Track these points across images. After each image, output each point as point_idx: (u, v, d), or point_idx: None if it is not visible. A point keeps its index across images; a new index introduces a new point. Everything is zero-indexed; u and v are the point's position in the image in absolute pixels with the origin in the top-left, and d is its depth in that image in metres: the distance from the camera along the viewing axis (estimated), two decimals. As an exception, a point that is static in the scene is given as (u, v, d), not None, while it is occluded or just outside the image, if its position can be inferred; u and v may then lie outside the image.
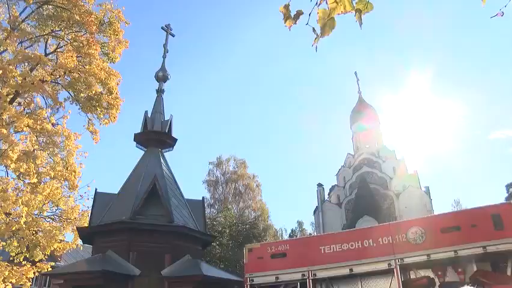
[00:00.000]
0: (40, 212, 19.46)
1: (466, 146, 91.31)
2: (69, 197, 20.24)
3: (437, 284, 7.28)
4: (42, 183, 17.02)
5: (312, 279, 7.86)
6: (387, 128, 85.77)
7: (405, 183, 38.01)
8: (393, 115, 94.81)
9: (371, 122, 43.32)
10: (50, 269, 20.20)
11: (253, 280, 8.46)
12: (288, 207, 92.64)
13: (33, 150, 15.27)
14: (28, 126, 14.27)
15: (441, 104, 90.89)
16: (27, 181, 16.33)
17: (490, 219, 6.94)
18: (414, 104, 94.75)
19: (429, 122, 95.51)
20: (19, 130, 14.58)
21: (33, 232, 18.40)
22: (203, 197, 21.94)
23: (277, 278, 8.19)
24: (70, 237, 22.81)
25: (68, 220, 20.97)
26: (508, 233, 6.75)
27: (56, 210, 21.03)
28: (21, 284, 19.89)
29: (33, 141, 15.69)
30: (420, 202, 35.22)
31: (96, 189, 18.86)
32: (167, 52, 24.46)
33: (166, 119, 21.17)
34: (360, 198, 35.22)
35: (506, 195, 41.88)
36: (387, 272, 7.60)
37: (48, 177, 16.76)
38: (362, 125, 43.21)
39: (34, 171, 15.00)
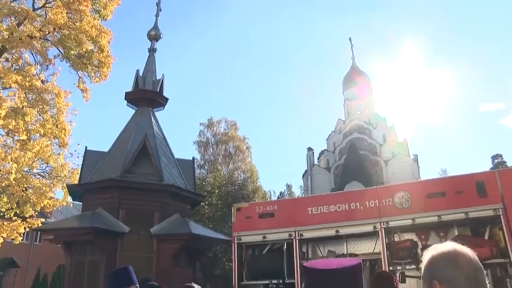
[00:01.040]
0: (30, 169, 19.48)
1: (456, 117, 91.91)
2: (59, 154, 20.25)
3: (420, 246, 7.44)
4: (32, 140, 16.97)
5: (298, 239, 7.98)
6: (379, 96, 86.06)
7: (395, 150, 38.38)
8: (385, 83, 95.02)
9: (363, 89, 43.33)
10: (41, 224, 20.43)
11: (240, 239, 8.57)
12: (278, 170, 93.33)
13: (22, 107, 15.11)
14: (16, 82, 14.10)
15: (434, 74, 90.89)
16: (16, 138, 16.26)
17: (474, 186, 7.04)
18: (407, 73, 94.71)
19: (421, 91, 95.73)
20: (7, 86, 14.41)
21: (23, 189, 18.46)
22: (193, 157, 22.08)
23: (264, 237, 8.30)
24: (60, 195, 22.94)
25: (58, 177, 21.03)
26: (490, 200, 6.88)
27: (46, 167, 21.06)
28: (12, 239, 20.14)
29: (22, 98, 15.51)
30: (408, 169, 35.70)
31: (86, 147, 18.93)
32: (160, 10, 24.08)
33: (157, 79, 21.01)
34: (349, 164, 35.58)
35: (491, 166, 42.44)
36: (373, 234, 7.76)
37: (37, 134, 16.70)
38: (354, 92, 43.23)
39: (23, 128, 14.91)
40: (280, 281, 8.06)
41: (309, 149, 40.88)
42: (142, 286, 3.72)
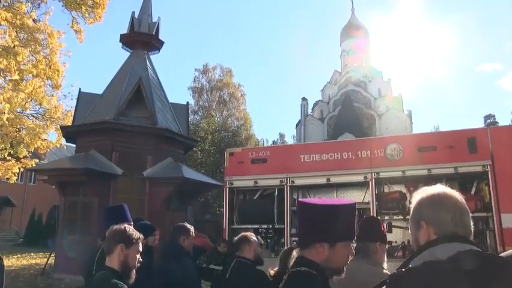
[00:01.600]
0: (23, 110, 19.43)
1: (453, 75, 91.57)
2: (52, 96, 20.16)
3: (408, 198, 7.58)
4: (25, 81, 16.80)
5: (289, 186, 8.11)
6: (377, 49, 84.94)
7: (389, 104, 38.36)
8: (383, 37, 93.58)
9: (361, 42, 42.77)
10: (34, 165, 20.54)
11: (232, 183, 8.68)
12: (271, 119, 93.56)
13: (14, 46, 14.82)
14: (6, 20, 13.78)
15: (433, 30, 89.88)
16: (8, 78, 16.10)
17: (466, 142, 7.12)
18: (406, 28, 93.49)
19: (419, 47, 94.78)
20: (-4, 23, 14.11)
21: (17, 129, 18.47)
22: (187, 102, 21.96)
23: (256, 182, 8.43)
24: (53, 136, 23.03)
25: (52, 119, 21.00)
26: (480, 156, 6.98)
27: (39, 108, 21.00)
28: (7, 178, 20.31)
29: (13, 37, 15.20)
30: (401, 125, 35.79)
31: (80, 89, 18.68)
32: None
33: (153, 21, 20.56)
34: (343, 115, 35.62)
35: (483, 126, 42.70)
36: (363, 185, 7.89)
37: (30, 75, 16.52)
38: (352, 44, 42.70)
39: (15, 68, 14.72)
40: (270, 226, 8.24)
41: (304, 99, 40.76)
42: (135, 225, 3.80)
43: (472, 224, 1.71)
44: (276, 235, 8.27)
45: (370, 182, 7.62)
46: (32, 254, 23.52)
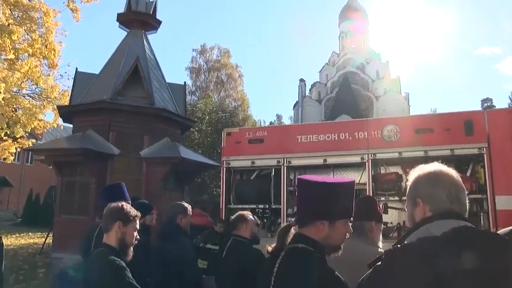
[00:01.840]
0: (19, 90, 19.35)
1: (451, 58, 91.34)
2: (48, 75, 20.03)
3: (404, 180, 7.60)
4: (20, 60, 16.69)
5: (286, 166, 8.12)
6: (375, 31, 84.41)
7: (387, 87, 38.29)
8: (382, 19, 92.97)
9: (360, 24, 42.51)
10: (31, 145, 20.51)
11: (229, 163, 8.70)
12: (269, 100, 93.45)
13: (8, 24, 14.67)
14: (-1, -4, 13.65)
15: (432, 12, 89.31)
16: (3, 57, 15.98)
17: (463, 124, 7.14)
18: (405, 10, 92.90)
19: (417, 30, 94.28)
20: (-12, 0, 13.95)
21: (13, 109, 18.40)
22: (185, 82, 21.83)
23: (253, 162, 8.43)
24: (50, 117, 22.93)
25: (49, 99, 20.92)
26: (476, 138, 7.01)
27: (35, 88, 20.92)
28: (4, 158, 20.32)
29: (7, 15, 15.03)
30: (399, 107, 35.76)
31: (77, 69, 18.56)
32: None
33: (150, 0, 20.35)
34: (341, 97, 35.55)
35: (480, 109, 42.78)
36: (359, 165, 7.91)
37: (26, 54, 16.40)
38: (350, 25, 42.44)
39: (10, 47, 14.61)
40: (267, 206, 8.28)
41: (301, 80, 40.61)
42: (132, 204, 3.82)
43: (467, 201, 1.73)
44: (273, 215, 8.31)
45: (367, 163, 7.64)
46: (30, 233, 23.67)
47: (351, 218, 2.31)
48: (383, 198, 7.52)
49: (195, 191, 24.67)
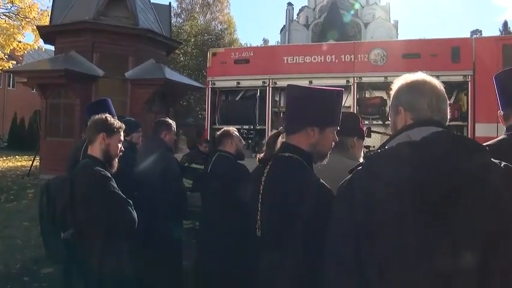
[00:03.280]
0: (-7, 8, 18.58)
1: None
2: (24, -7, 19.20)
3: (388, 105, 7.64)
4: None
5: (272, 87, 8.11)
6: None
7: (376, 13, 37.61)
8: None
9: None
10: (12, 66, 20.04)
11: (214, 84, 8.65)
12: (256, 24, 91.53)
13: None
14: None
15: None
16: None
17: (450, 51, 7.13)
18: None
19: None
20: None
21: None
22: (169, 3, 21.27)
23: (238, 83, 8.39)
24: (30, 38, 22.23)
25: (27, 19, 20.19)
26: (462, 66, 7.02)
27: (11, 7, 20.11)
28: (-15, 82, 19.87)
29: None
30: (387, 35, 35.28)
31: (56, -13, 17.81)
32: None
33: None
34: (329, 22, 34.89)
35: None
36: (345, 88, 7.86)
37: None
38: None
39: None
40: (251, 127, 8.35)
41: (289, 4, 39.69)
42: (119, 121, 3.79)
43: (448, 111, 1.75)
44: (257, 136, 8.38)
45: (352, 86, 7.66)
46: (17, 156, 23.66)
47: (338, 128, 2.31)
48: (366, 122, 7.57)
49: (180, 114, 24.64)
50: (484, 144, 2.30)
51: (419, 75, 1.78)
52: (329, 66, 7.79)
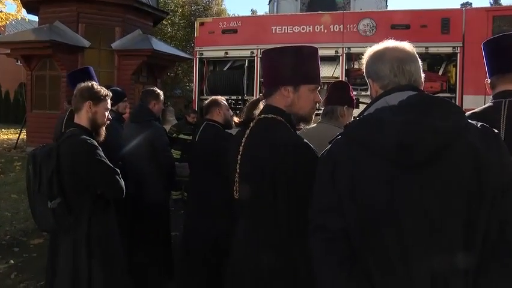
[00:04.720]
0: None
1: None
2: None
3: (377, 75, 7.65)
4: None
5: (260, 58, 8.05)
6: None
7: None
8: None
9: None
10: (-7, 37, 19.54)
11: (202, 54, 8.56)
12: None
13: None
14: None
15: None
16: None
17: (440, 22, 7.12)
18: None
19: None
20: None
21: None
22: (156, -28, 20.79)
23: (226, 53, 8.34)
24: (12, 8, 21.60)
25: (8, -13, 19.59)
26: (452, 37, 7.04)
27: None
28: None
29: None
30: (376, 7, 34.95)
31: (37, -47, 17.30)
32: None
33: None
34: (318, -7, 34.54)
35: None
36: (333, 59, 7.90)
37: None
38: None
39: None
40: (239, 97, 8.31)
41: (279, -26, 39.08)
42: (106, 91, 3.71)
43: (420, 72, 1.73)
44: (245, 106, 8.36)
45: (341, 57, 7.65)
46: (3, 130, 23.41)
47: (319, 86, 2.27)
48: (355, 93, 7.49)
49: (168, 86, 24.44)
50: (470, 112, 2.32)
51: (383, 44, 1.77)
52: (317, 37, 7.73)
